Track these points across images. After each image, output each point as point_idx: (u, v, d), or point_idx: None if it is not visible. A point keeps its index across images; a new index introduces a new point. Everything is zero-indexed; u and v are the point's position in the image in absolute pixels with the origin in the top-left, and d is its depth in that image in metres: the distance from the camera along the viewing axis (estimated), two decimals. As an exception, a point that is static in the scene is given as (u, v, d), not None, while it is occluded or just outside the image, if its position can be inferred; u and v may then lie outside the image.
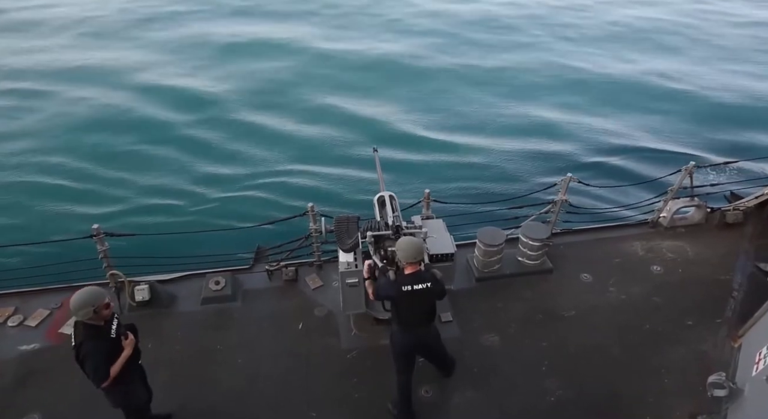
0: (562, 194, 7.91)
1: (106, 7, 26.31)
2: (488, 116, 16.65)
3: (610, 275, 7.75)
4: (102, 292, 4.61)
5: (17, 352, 6.59)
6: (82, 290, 4.54)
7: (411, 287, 4.99)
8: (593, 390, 6.09)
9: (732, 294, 7.35)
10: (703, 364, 6.26)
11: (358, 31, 23.72)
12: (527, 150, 14.65)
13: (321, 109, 16.97)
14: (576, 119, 16.32)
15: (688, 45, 22.58)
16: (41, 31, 23.53)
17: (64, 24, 24.34)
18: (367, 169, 12.94)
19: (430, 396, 6.04)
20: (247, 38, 22.37)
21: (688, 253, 8.20)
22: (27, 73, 19.38)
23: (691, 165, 8.00)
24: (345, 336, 6.81)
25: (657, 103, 17.24)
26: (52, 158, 14.24)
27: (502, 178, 13.43)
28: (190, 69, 19.73)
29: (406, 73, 19.56)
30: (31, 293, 7.46)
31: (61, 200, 12.61)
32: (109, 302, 4.62)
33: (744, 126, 15.75)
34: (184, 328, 6.97)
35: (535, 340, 6.74)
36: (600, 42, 22.78)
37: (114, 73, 19.23)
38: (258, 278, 7.75)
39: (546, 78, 19.21)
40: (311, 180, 13.37)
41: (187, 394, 6.07)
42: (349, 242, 5.97)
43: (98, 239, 6.67)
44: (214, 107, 17.03)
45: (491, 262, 7.64)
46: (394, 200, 6.46)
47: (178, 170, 13.92)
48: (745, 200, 8.80)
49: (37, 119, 16.34)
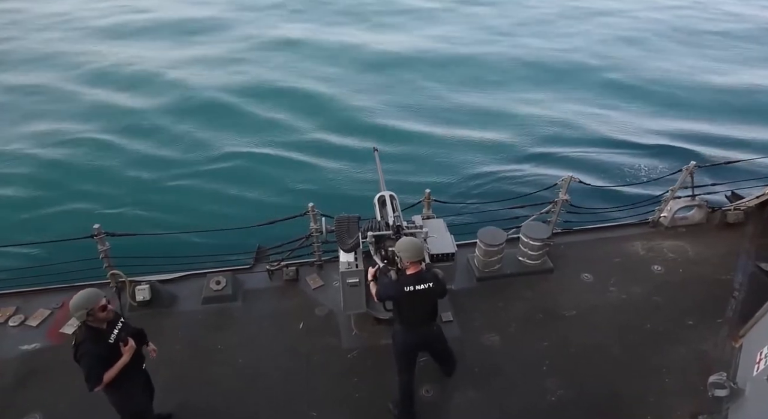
0: (563, 193, 7.91)
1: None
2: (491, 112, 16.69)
3: (610, 275, 7.74)
4: (97, 294, 4.54)
5: (18, 352, 6.59)
6: (79, 292, 4.52)
7: (413, 288, 4.99)
8: (594, 390, 6.08)
9: (733, 294, 7.34)
10: (704, 364, 6.26)
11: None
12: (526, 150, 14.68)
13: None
14: (577, 118, 16.32)
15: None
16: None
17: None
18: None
19: (431, 396, 6.04)
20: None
21: (688, 253, 8.20)
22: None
23: (692, 165, 7.99)
24: (346, 336, 6.81)
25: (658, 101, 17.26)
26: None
27: (503, 177, 13.43)
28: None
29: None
30: (32, 293, 7.47)
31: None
32: (106, 305, 4.54)
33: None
34: (185, 328, 6.97)
35: (535, 340, 6.74)
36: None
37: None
38: (259, 277, 7.76)
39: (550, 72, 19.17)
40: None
41: (188, 394, 6.08)
42: (349, 242, 5.97)
43: (99, 239, 6.68)
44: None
45: (492, 262, 7.64)
46: (394, 200, 6.46)
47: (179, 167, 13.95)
48: (745, 199, 8.79)
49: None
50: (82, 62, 20.52)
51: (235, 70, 19.78)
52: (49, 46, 22.35)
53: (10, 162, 14.18)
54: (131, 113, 16.77)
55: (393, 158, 13.58)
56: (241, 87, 18.38)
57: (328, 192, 12.85)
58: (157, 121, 16.32)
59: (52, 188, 13.12)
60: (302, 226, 7.61)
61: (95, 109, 17.00)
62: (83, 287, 7.27)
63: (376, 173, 7.40)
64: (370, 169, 12.55)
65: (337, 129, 15.93)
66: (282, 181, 13.47)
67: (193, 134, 15.65)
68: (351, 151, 14.71)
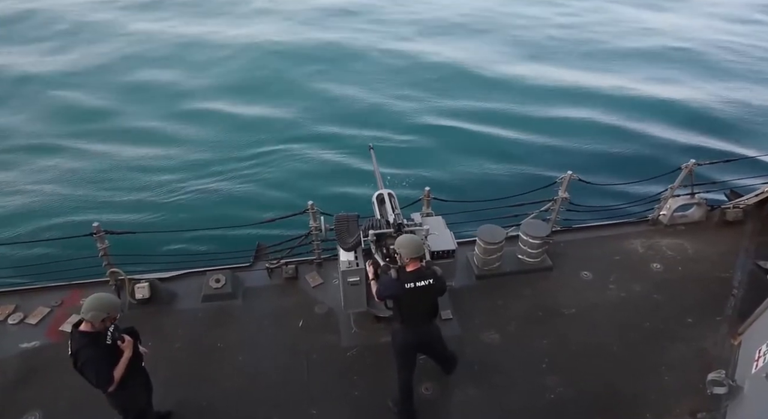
0: (563, 191, 7.91)
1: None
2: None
3: (610, 273, 7.75)
4: (120, 305, 4.67)
5: (18, 350, 6.59)
6: (104, 295, 4.58)
7: (414, 285, 5.00)
8: (593, 388, 6.09)
9: (732, 292, 7.36)
10: (703, 362, 6.27)
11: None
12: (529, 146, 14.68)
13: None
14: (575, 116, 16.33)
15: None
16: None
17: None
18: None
19: (431, 394, 6.04)
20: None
21: (688, 251, 8.21)
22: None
23: (691, 163, 7.99)
24: (345, 334, 6.81)
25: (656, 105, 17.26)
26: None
27: (503, 174, 13.45)
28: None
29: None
30: (32, 291, 7.46)
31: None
32: (117, 316, 4.63)
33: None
34: (185, 326, 6.97)
35: (535, 338, 6.75)
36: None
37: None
38: (258, 275, 7.75)
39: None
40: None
41: (188, 392, 6.08)
42: (350, 241, 5.97)
43: (98, 236, 6.67)
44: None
45: (491, 260, 7.64)
46: (393, 198, 6.45)
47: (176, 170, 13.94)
48: (745, 197, 8.80)
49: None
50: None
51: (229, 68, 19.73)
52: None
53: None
54: (125, 114, 16.73)
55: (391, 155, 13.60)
56: (238, 85, 18.38)
57: (327, 189, 12.84)
58: (150, 122, 16.28)
59: (52, 188, 13.10)
60: (302, 224, 7.61)
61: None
62: (83, 285, 7.38)
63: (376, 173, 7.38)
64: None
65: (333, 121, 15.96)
66: (280, 178, 13.45)
67: (191, 133, 15.61)
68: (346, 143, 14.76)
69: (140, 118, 16.45)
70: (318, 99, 17.50)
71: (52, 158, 14.18)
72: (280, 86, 18.34)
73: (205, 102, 17.35)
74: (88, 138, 15.18)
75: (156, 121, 16.27)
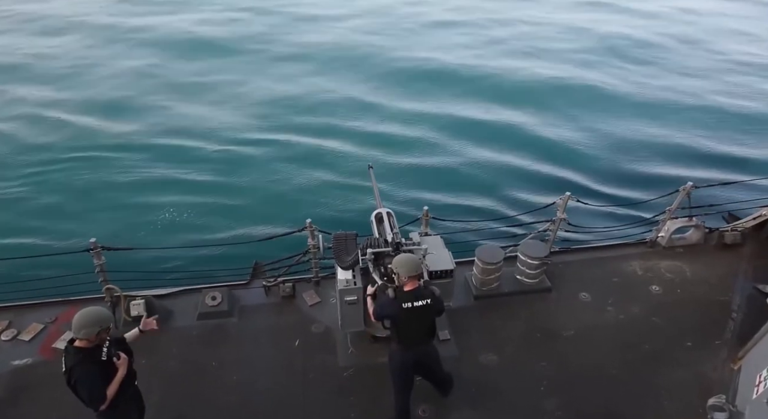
0: (561, 212, 7.92)
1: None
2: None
3: (608, 295, 7.72)
4: (110, 315, 4.58)
5: (10, 367, 6.51)
6: (91, 309, 4.46)
7: (411, 304, 4.98)
8: (592, 411, 6.03)
9: (731, 316, 7.33)
10: (703, 386, 6.22)
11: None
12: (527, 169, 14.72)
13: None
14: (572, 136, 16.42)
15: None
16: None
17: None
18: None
19: (427, 416, 5.97)
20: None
21: (686, 273, 8.19)
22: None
23: (689, 185, 8.03)
24: (342, 354, 6.75)
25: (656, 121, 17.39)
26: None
27: (501, 196, 13.46)
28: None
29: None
30: (26, 307, 7.39)
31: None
32: (110, 326, 4.54)
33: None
34: (180, 344, 6.90)
35: (533, 359, 6.69)
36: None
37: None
38: (255, 293, 7.71)
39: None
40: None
41: (182, 410, 6.00)
42: (348, 259, 5.95)
43: (95, 253, 6.64)
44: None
45: (489, 280, 7.61)
46: (391, 217, 6.46)
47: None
48: (743, 220, 8.83)
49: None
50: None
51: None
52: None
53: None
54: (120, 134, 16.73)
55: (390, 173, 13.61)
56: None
57: (324, 208, 12.82)
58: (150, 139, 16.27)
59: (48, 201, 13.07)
60: (299, 242, 7.59)
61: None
62: (78, 301, 7.32)
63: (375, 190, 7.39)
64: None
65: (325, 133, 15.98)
66: (278, 194, 13.44)
67: (185, 149, 15.61)
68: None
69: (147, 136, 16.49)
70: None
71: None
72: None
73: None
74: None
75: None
